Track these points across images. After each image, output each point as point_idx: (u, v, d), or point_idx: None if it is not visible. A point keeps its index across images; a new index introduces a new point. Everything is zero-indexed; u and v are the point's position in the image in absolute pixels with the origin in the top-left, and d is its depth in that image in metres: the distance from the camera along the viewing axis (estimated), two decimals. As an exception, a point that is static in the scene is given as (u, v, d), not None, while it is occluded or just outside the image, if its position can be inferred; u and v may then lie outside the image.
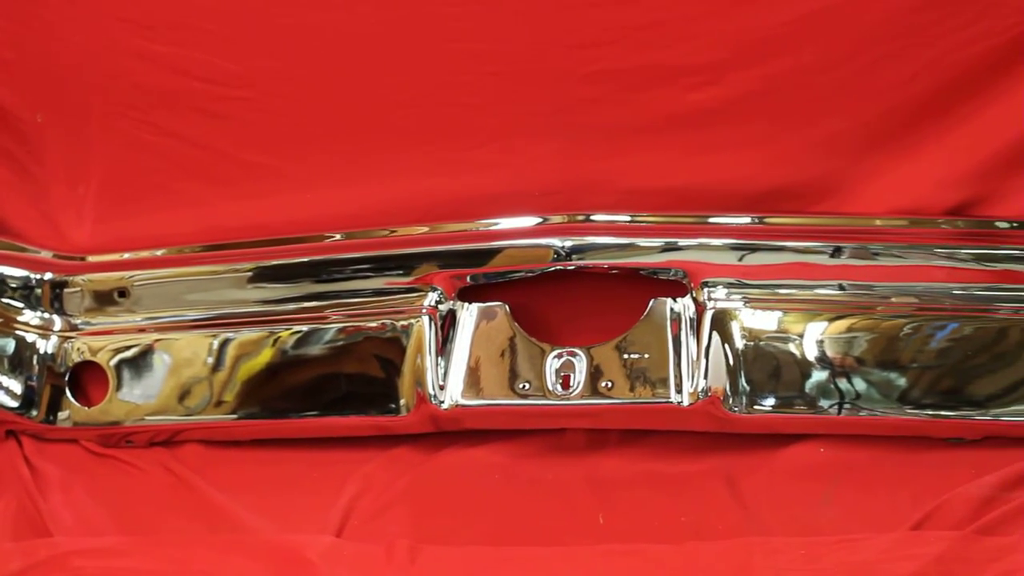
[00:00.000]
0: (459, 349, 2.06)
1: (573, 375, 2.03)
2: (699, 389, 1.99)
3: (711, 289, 2.02)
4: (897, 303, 2.01)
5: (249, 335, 2.12)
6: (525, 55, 2.07)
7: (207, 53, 2.12)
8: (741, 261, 2.03)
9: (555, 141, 2.11)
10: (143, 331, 2.16)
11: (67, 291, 2.16)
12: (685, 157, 2.09)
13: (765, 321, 2.01)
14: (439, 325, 2.07)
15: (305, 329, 2.11)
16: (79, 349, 2.16)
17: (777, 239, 2.03)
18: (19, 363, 2.16)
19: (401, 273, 2.09)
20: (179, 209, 2.19)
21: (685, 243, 2.03)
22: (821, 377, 1.99)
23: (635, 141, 2.09)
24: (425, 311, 2.07)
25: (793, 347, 2.00)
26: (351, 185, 2.16)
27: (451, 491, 2.04)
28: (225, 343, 2.13)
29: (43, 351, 2.16)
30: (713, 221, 2.05)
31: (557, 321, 2.11)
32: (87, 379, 2.19)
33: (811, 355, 2.00)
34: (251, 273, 2.13)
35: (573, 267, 2.05)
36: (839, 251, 2.02)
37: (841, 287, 2.02)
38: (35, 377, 2.16)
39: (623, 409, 2.02)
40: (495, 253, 2.07)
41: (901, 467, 1.97)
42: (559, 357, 2.04)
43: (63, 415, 2.16)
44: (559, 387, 2.03)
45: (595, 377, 2.02)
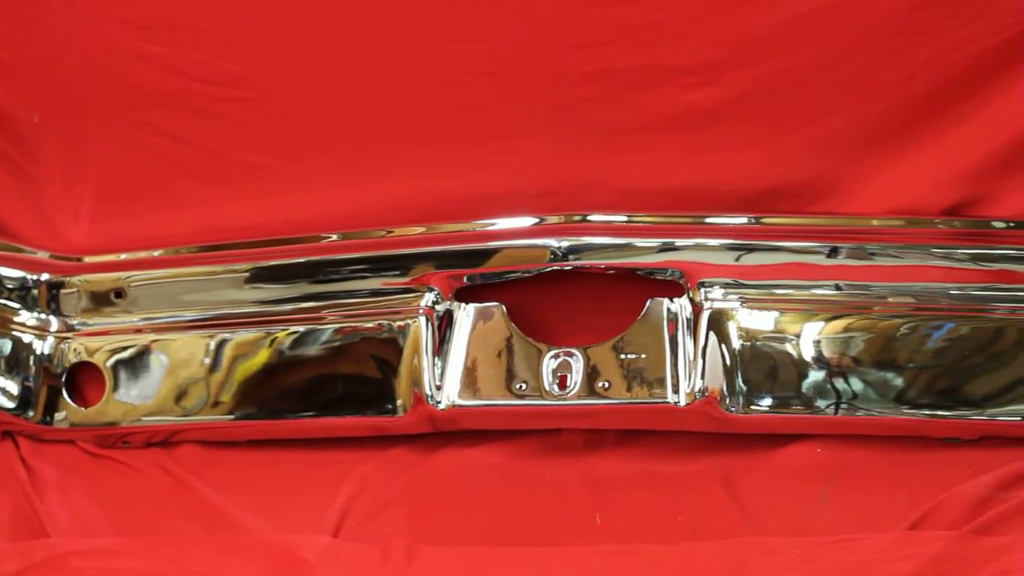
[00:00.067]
0: (456, 349, 2.06)
1: (570, 375, 2.03)
2: (696, 389, 1.99)
3: (708, 289, 2.02)
4: (894, 303, 2.01)
5: (246, 336, 2.12)
6: (523, 55, 2.07)
7: (205, 53, 2.12)
8: (738, 261, 2.03)
9: (553, 141, 2.11)
10: (140, 332, 2.16)
11: (64, 292, 2.17)
12: (683, 157, 2.09)
13: (762, 321, 2.01)
14: (436, 325, 2.07)
15: (302, 330, 2.11)
16: (76, 350, 2.16)
17: (774, 239, 2.03)
18: (16, 364, 2.16)
19: (398, 273, 2.09)
20: (176, 210, 2.19)
21: (682, 243, 2.03)
22: (818, 377, 1.99)
23: (633, 141, 2.09)
24: (422, 311, 2.07)
25: (790, 347, 2.00)
26: (349, 185, 2.16)
27: (448, 491, 2.04)
28: (222, 344, 2.13)
29: (40, 352, 2.16)
30: (710, 221, 2.05)
31: (554, 321, 2.11)
32: (84, 380, 2.19)
33: (808, 355, 2.00)
34: (248, 274, 2.13)
35: (570, 267, 2.05)
36: (836, 251, 2.02)
37: (838, 287, 2.02)
38: (32, 378, 2.16)
39: (620, 409, 2.02)
40: (492, 253, 2.07)
41: (898, 467, 1.97)
42: (556, 357, 2.04)
43: (60, 416, 2.16)
44: (556, 387, 2.03)
45: (592, 377, 2.02)
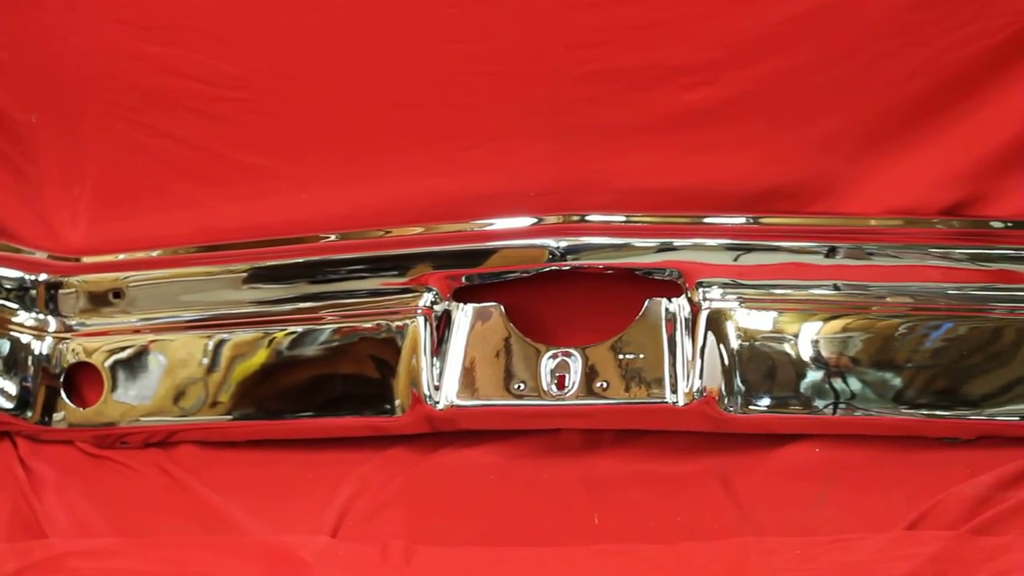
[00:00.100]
0: (454, 349, 2.06)
1: (568, 375, 2.02)
2: (694, 389, 1.99)
3: (706, 289, 2.02)
4: (892, 303, 2.01)
5: (244, 336, 2.12)
6: (521, 55, 2.07)
7: (203, 54, 2.11)
8: (736, 261, 2.03)
9: (551, 141, 2.11)
10: (138, 332, 2.16)
11: (62, 292, 2.16)
12: (681, 157, 2.09)
13: (760, 321, 2.01)
14: (434, 326, 2.07)
15: (300, 330, 2.11)
16: (74, 350, 2.16)
17: (772, 239, 2.03)
18: (14, 364, 2.16)
19: (396, 274, 2.09)
20: (174, 210, 2.18)
21: (680, 243, 2.03)
22: (816, 377, 1.99)
23: (631, 141, 2.09)
24: (420, 312, 2.07)
25: (788, 347, 2.00)
26: (347, 186, 2.15)
27: (446, 492, 2.04)
28: (220, 344, 2.13)
29: (38, 352, 2.16)
30: (708, 221, 2.05)
31: (552, 321, 2.11)
32: (82, 380, 2.19)
33: (806, 355, 2.00)
34: (246, 274, 2.13)
35: (568, 267, 2.05)
36: (834, 251, 2.02)
37: (836, 287, 2.02)
38: (30, 378, 2.16)
39: (618, 409, 2.02)
40: (490, 253, 2.07)
41: (896, 467, 1.97)
42: (554, 357, 2.04)
43: (58, 416, 2.16)
44: (554, 387, 2.03)
45: (590, 377, 2.02)
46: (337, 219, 2.15)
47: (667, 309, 2.03)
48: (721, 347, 2.00)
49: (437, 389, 2.05)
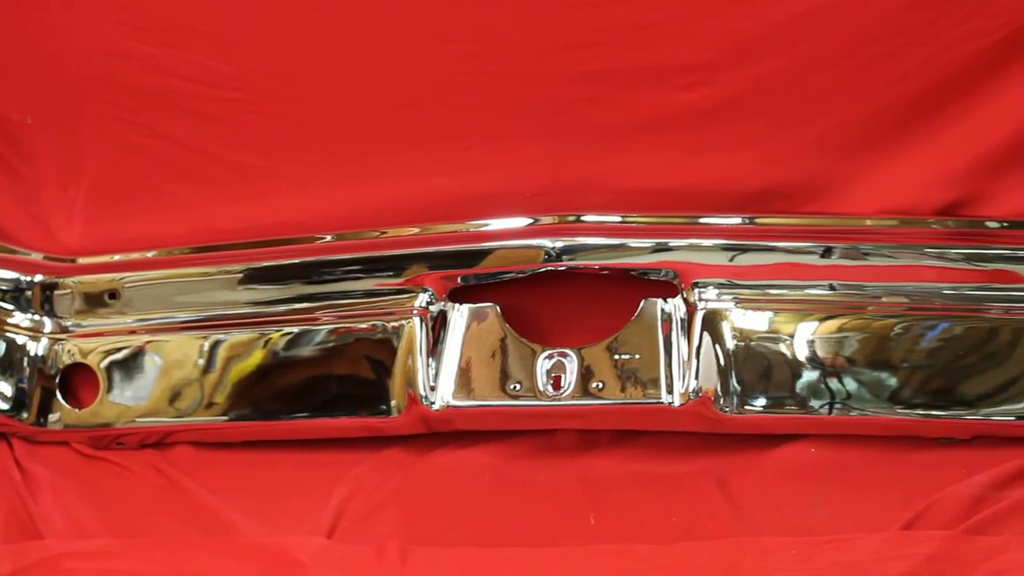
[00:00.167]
0: (450, 350, 2.06)
1: (564, 376, 2.02)
2: (690, 389, 1.99)
3: (702, 289, 2.02)
4: (888, 303, 2.01)
5: (240, 337, 2.12)
6: (518, 56, 2.07)
7: (200, 55, 2.11)
8: (732, 261, 2.03)
9: (548, 142, 2.11)
10: (134, 333, 2.15)
11: (57, 293, 2.16)
12: (677, 157, 2.09)
13: (756, 321, 2.01)
14: (430, 326, 2.06)
15: (296, 331, 2.10)
16: (70, 351, 2.16)
17: (768, 239, 2.03)
18: (9, 365, 2.15)
19: (392, 274, 2.09)
20: (171, 211, 2.18)
21: (676, 244, 2.03)
22: (812, 377, 1.99)
23: (628, 141, 2.09)
24: (416, 312, 2.07)
25: (784, 347, 2.00)
26: (344, 186, 2.15)
27: (442, 492, 2.03)
28: (216, 345, 2.12)
29: (33, 353, 2.16)
30: (704, 222, 2.05)
31: (548, 322, 2.11)
32: (78, 381, 2.18)
33: (802, 355, 2.00)
34: (242, 275, 2.12)
35: (564, 268, 2.05)
36: (830, 251, 2.02)
37: (832, 287, 2.02)
38: (25, 379, 2.15)
39: (614, 410, 2.02)
40: (486, 254, 2.07)
41: (892, 467, 1.97)
42: (550, 358, 2.04)
43: (54, 417, 2.15)
44: (550, 388, 2.02)
45: (586, 378, 2.02)
46: (334, 220, 2.14)
47: (663, 309, 2.03)
48: (717, 347, 2.00)
49: (433, 390, 2.05)
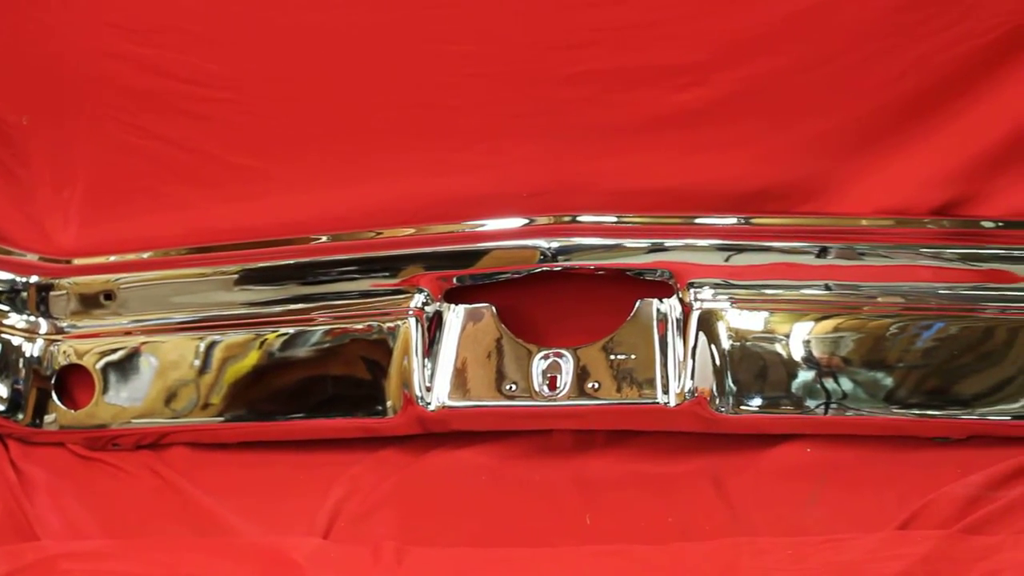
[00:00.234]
0: (446, 350, 2.06)
1: (560, 376, 2.02)
2: (686, 390, 1.99)
3: (697, 290, 2.02)
4: (883, 303, 2.01)
5: (235, 337, 2.12)
6: (511, 56, 2.07)
7: (193, 55, 2.11)
8: (727, 262, 2.03)
9: (542, 142, 2.10)
10: (129, 334, 2.15)
11: (53, 294, 2.16)
12: (672, 158, 2.09)
13: (751, 321, 2.01)
14: (426, 327, 2.06)
15: (291, 331, 2.10)
16: (65, 352, 2.16)
17: (763, 239, 2.03)
18: (5, 366, 2.15)
19: (387, 275, 2.09)
20: (166, 212, 2.18)
21: (671, 244, 2.03)
22: (807, 377, 1.99)
23: (622, 142, 2.09)
24: (411, 313, 2.07)
25: (779, 347, 2.00)
26: (338, 187, 2.15)
27: (438, 493, 2.03)
28: (211, 345, 2.12)
29: (29, 354, 2.16)
30: (699, 222, 2.05)
31: (544, 322, 2.11)
32: (73, 382, 2.18)
33: (797, 355, 2.00)
34: (237, 275, 2.12)
35: (559, 268, 2.05)
36: (825, 251, 2.02)
37: (827, 287, 2.02)
38: (21, 380, 2.15)
39: (610, 410, 2.02)
40: (481, 254, 2.07)
41: (887, 467, 1.97)
42: (546, 358, 2.03)
43: (49, 418, 2.15)
44: (546, 388, 2.02)
45: (582, 378, 2.02)
46: (329, 220, 2.14)
47: (658, 310, 2.03)
48: (712, 347, 2.00)
49: (429, 390, 2.05)
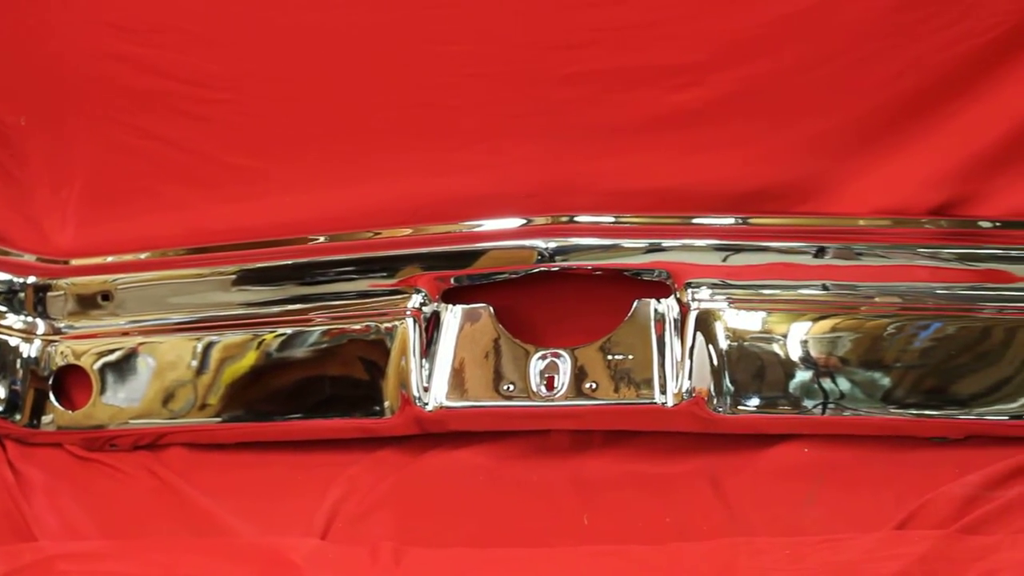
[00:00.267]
0: (443, 351, 2.06)
1: (557, 376, 2.02)
2: (683, 390, 1.99)
3: (695, 290, 2.02)
4: (881, 303, 2.01)
5: (233, 338, 2.12)
6: (508, 56, 2.07)
7: (190, 55, 2.11)
8: (725, 262, 2.03)
9: (539, 142, 2.11)
10: (127, 334, 2.15)
11: (50, 295, 2.16)
12: (669, 158, 2.09)
13: (749, 321, 2.01)
14: (423, 327, 2.06)
15: (289, 332, 2.10)
16: (63, 353, 2.16)
17: (761, 239, 2.03)
18: (2, 367, 2.15)
19: (385, 275, 2.09)
20: (163, 212, 2.18)
21: (669, 244, 2.03)
22: (805, 377, 1.99)
23: (619, 142, 2.09)
24: (409, 313, 2.07)
25: (777, 347, 2.00)
26: (336, 187, 2.15)
27: (436, 493, 2.03)
28: (209, 346, 2.12)
29: (26, 355, 2.16)
30: (697, 222, 2.05)
31: (541, 322, 2.11)
32: (71, 383, 2.18)
33: (795, 355, 2.00)
34: (235, 276, 2.13)
35: (557, 268, 2.05)
36: (823, 251, 2.02)
37: (825, 287, 2.02)
38: (18, 381, 2.15)
39: (607, 410, 2.02)
40: (479, 255, 2.07)
41: (885, 466, 1.97)
42: (543, 358, 2.03)
43: (47, 419, 2.15)
44: (543, 388, 2.02)
45: (579, 378, 2.02)
46: (326, 220, 2.14)
47: (656, 310, 2.03)
48: (710, 348, 2.00)
49: (426, 390, 2.05)
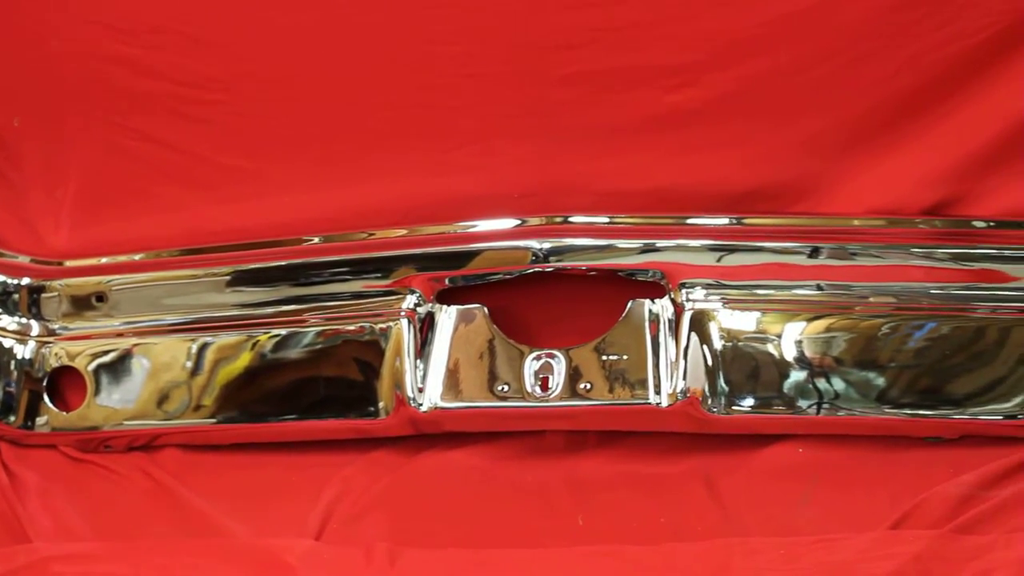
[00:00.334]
0: (438, 352, 2.06)
1: (552, 377, 2.02)
2: (678, 390, 1.99)
3: (689, 290, 2.02)
4: (875, 303, 2.01)
5: (227, 339, 2.12)
6: (503, 57, 2.07)
7: (185, 57, 2.11)
8: (719, 262, 2.03)
9: (534, 143, 2.11)
10: (121, 336, 2.15)
11: (45, 296, 2.16)
12: (664, 158, 2.09)
13: (743, 322, 2.01)
14: (418, 328, 2.06)
15: (283, 333, 2.10)
16: (57, 354, 2.16)
17: (755, 240, 2.03)
18: (-4, 369, 2.16)
19: (379, 276, 2.09)
20: (158, 213, 2.18)
21: (663, 244, 2.03)
22: (799, 377, 1.99)
23: (614, 142, 2.09)
24: (404, 314, 2.07)
25: (771, 347, 2.00)
26: (330, 188, 2.15)
27: (430, 494, 2.03)
28: (204, 347, 2.12)
29: (21, 356, 2.16)
30: (691, 222, 2.05)
31: (536, 323, 2.11)
32: (65, 384, 2.18)
33: (789, 355, 2.00)
34: (229, 277, 2.12)
35: (551, 269, 2.05)
36: (817, 251, 2.02)
37: (819, 287, 2.02)
38: (13, 383, 2.15)
39: (602, 411, 2.02)
40: (473, 255, 2.07)
41: (879, 466, 1.97)
42: (538, 359, 2.03)
43: (41, 420, 2.15)
44: (538, 389, 2.02)
45: (574, 379, 2.02)
46: (321, 221, 2.14)
47: (650, 310, 2.03)
48: (704, 348, 2.00)
49: (421, 391, 2.05)
